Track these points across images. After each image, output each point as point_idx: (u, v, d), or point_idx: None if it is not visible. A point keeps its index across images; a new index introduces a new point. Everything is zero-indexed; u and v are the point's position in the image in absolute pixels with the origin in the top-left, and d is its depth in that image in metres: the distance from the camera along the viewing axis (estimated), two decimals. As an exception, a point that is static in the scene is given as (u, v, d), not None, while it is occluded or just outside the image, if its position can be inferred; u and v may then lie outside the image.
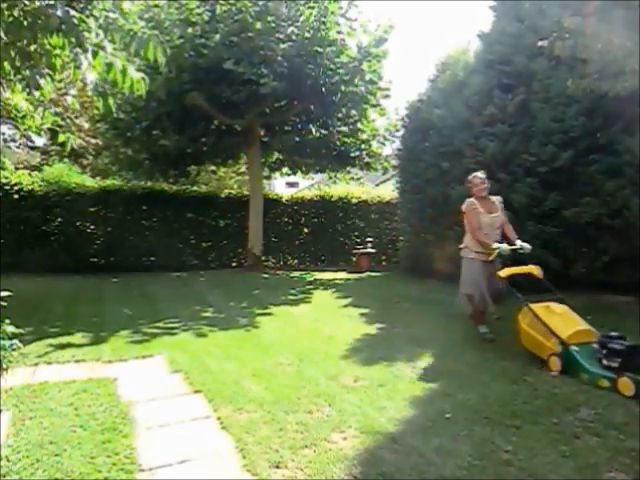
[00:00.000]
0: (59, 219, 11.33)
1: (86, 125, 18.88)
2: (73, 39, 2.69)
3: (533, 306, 4.41)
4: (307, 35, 10.32)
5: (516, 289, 4.60)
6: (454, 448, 2.80)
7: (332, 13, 10.55)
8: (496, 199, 5.12)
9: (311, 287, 9.43)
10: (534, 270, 4.73)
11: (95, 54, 2.79)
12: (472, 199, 5.04)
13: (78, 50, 2.80)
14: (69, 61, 2.98)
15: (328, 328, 5.89)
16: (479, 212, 4.92)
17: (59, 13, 2.65)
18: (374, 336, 5.47)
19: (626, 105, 5.98)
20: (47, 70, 2.99)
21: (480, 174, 5.10)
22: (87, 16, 2.86)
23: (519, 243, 4.83)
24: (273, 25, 10.33)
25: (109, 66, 2.78)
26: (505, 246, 4.77)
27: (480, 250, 4.90)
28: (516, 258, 4.87)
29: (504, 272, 4.69)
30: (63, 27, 2.64)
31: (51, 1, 2.80)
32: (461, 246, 5.18)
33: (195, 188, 13.86)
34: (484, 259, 4.86)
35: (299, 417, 3.24)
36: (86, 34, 2.76)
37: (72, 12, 2.70)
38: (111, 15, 3.06)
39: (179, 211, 12.43)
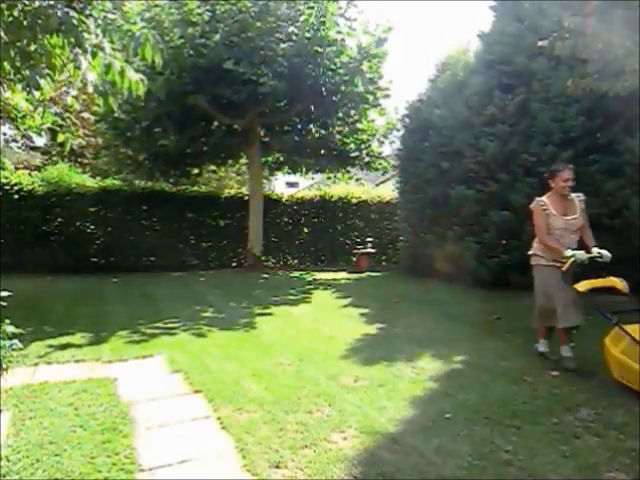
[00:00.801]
0: (59, 219, 11.33)
1: (92, 118, 18.74)
2: (72, 39, 2.68)
3: (630, 328, 3.55)
4: (307, 35, 10.32)
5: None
6: (454, 448, 2.80)
7: (331, 13, 10.55)
8: (575, 197, 4.29)
9: (311, 287, 9.43)
10: (617, 283, 3.91)
11: (94, 55, 2.79)
12: (544, 198, 4.27)
13: (78, 51, 2.79)
14: (69, 61, 2.98)
15: (328, 328, 5.89)
16: (550, 214, 4.18)
17: (59, 14, 2.65)
18: (374, 336, 5.47)
19: (626, 105, 5.98)
20: (47, 70, 2.99)
21: (569, 167, 4.27)
22: (86, 16, 2.85)
23: (596, 250, 4.04)
24: (273, 25, 10.33)
25: (108, 67, 2.78)
26: (581, 254, 3.97)
27: (551, 256, 4.18)
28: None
29: (582, 285, 3.91)
30: (62, 27, 2.64)
31: (51, 1, 2.80)
32: (530, 252, 4.43)
33: (195, 188, 13.86)
34: (557, 264, 4.11)
35: (299, 417, 3.24)
36: (85, 35, 2.76)
37: (72, 13, 2.69)
38: (110, 16, 3.06)
39: (179, 211, 12.42)
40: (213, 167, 15.53)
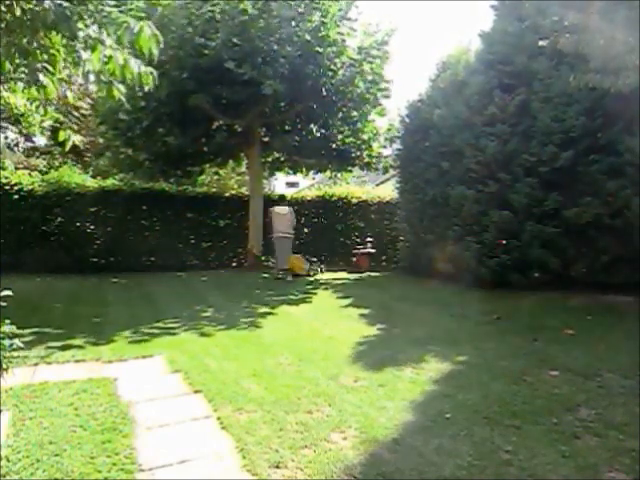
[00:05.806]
0: (59, 219, 11.32)
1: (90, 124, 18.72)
2: (67, 32, 2.66)
3: None
4: (307, 37, 10.31)
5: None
6: (454, 448, 2.80)
7: (332, 14, 10.53)
8: None
9: (311, 287, 9.43)
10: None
11: (94, 48, 2.77)
12: None
13: (78, 45, 2.78)
14: (68, 55, 2.96)
15: (328, 328, 5.89)
16: None
17: (52, 5, 2.63)
18: (374, 336, 5.47)
19: (627, 104, 5.98)
20: (47, 66, 2.98)
21: None
22: (84, 10, 2.84)
23: None
24: (274, 26, 10.32)
25: (109, 58, 2.76)
26: None
27: None
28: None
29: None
30: (56, 18, 2.61)
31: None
32: None
33: (195, 188, 13.86)
34: None
35: (299, 417, 3.24)
36: (81, 25, 2.74)
37: (65, 4, 2.67)
38: (106, 9, 3.03)
39: (179, 211, 12.42)
40: (214, 168, 15.52)
